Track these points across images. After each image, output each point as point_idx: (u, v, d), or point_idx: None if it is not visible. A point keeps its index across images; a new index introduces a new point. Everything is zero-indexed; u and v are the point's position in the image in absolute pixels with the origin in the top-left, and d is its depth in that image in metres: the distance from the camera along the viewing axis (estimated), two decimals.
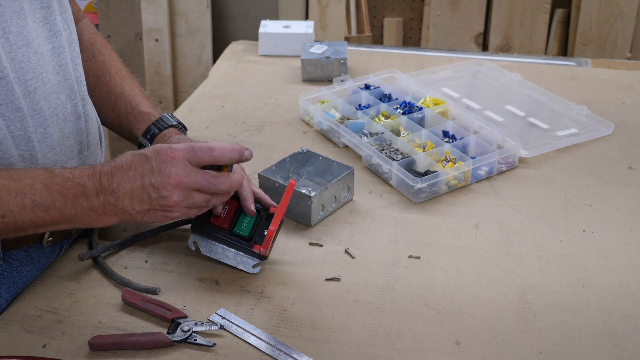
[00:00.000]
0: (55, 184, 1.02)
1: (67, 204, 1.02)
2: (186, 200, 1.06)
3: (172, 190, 1.04)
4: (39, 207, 1.01)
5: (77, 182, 1.03)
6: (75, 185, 1.03)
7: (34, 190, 1.00)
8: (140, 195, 1.04)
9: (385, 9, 2.98)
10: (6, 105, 1.04)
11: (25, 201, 1.00)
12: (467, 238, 1.28)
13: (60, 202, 1.02)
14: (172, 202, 1.05)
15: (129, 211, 1.05)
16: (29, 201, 1.00)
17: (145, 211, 1.06)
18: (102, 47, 1.37)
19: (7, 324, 1.08)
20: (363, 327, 1.08)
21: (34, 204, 1.00)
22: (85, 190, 1.03)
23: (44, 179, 1.02)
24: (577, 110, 1.68)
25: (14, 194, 0.99)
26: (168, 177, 1.03)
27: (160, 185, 1.03)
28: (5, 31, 1.04)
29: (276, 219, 1.13)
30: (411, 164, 1.44)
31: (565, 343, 1.05)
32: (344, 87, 1.74)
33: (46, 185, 1.01)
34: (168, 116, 1.31)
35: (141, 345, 1.02)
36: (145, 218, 1.07)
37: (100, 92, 1.34)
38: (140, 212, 1.06)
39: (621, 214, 1.34)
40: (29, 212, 1.00)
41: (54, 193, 1.01)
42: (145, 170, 1.04)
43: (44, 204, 1.01)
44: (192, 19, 2.93)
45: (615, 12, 2.75)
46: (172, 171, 1.03)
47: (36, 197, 1.00)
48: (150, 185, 1.04)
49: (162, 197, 1.04)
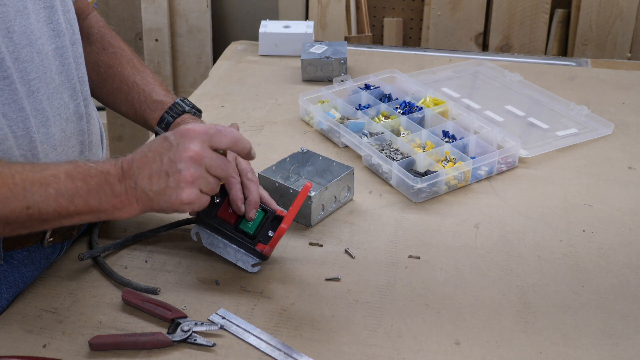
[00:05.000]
0: (78, 172, 1.01)
1: (91, 192, 1.01)
2: (200, 180, 1.03)
3: (188, 163, 1.02)
4: (63, 197, 1.00)
5: (100, 170, 1.02)
6: (98, 173, 1.02)
7: (58, 180, 0.99)
8: (158, 173, 1.02)
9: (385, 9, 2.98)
10: (9, 105, 1.04)
11: (49, 191, 0.99)
12: (467, 238, 1.28)
13: (84, 191, 1.01)
14: (188, 175, 1.02)
15: (148, 192, 1.03)
16: (53, 191, 0.99)
17: (162, 190, 1.03)
18: (111, 39, 1.37)
19: (7, 323, 1.08)
20: (363, 327, 1.08)
21: (58, 193, 0.99)
22: (108, 177, 1.02)
23: (68, 170, 1.01)
24: (577, 110, 1.68)
25: (37, 184, 0.98)
26: (185, 150, 1.02)
27: (177, 159, 1.02)
28: (9, 30, 1.04)
29: (288, 219, 1.12)
30: (411, 164, 1.44)
31: (565, 343, 1.05)
32: (344, 87, 1.74)
33: (69, 175, 1.00)
34: (181, 102, 1.30)
35: (141, 345, 1.02)
36: (162, 201, 1.04)
37: (113, 83, 1.33)
38: (157, 193, 1.03)
39: (621, 214, 1.34)
40: (53, 202, 0.99)
41: (77, 182, 1.00)
42: (164, 147, 1.03)
43: (68, 192, 1.00)
44: (192, 19, 2.93)
45: (615, 12, 2.75)
46: (190, 145, 1.02)
47: (60, 187, 0.99)
48: (169, 160, 1.02)
49: (178, 171, 1.02)
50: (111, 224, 1.30)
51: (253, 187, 1.17)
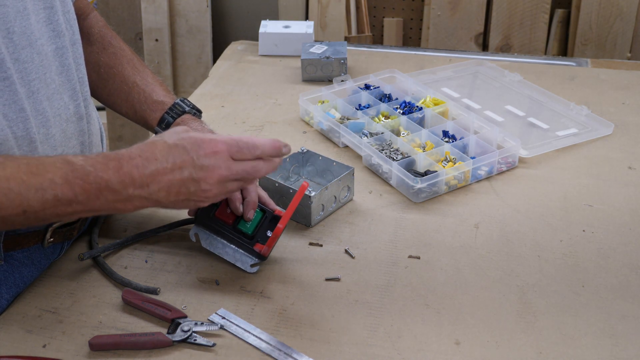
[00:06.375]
0: (76, 178, 0.98)
1: (91, 198, 0.99)
2: (221, 191, 1.04)
3: (212, 185, 1.02)
4: (61, 202, 0.98)
5: (99, 176, 0.99)
6: (97, 179, 0.99)
7: (55, 185, 0.97)
8: (178, 188, 1.01)
9: (385, 9, 2.98)
10: (9, 106, 1.04)
11: (46, 197, 0.97)
12: (467, 238, 1.28)
13: (84, 197, 0.99)
14: (210, 194, 1.03)
15: (162, 201, 1.02)
16: (50, 196, 0.97)
17: (179, 201, 1.03)
18: (112, 39, 1.37)
19: (7, 324, 1.08)
20: (363, 327, 1.08)
21: (56, 198, 0.97)
22: (110, 184, 0.99)
23: (65, 173, 0.98)
24: (577, 110, 1.68)
25: (33, 190, 0.96)
26: (211, 171, 1.02)
27: (201, 179, 1.01)
28: (10, 31, 1.04)
29: (285, 219, 1.13)
30: (411, 164, 1.44)
31: (565, 343, 1.05)
32: (344, 87, 1.74)
33: (67, 180, 0.98)
34: (181, 102, 1.30)
35: (141, 345, 1.02)
36: (176, 207, 1.05)
37: (114, 83, 1.33)
38: (174, 203, 1.03)
39: (621, 214, 1.34)
40: (51, 206, 0.98)
41: (75, 188, 0.98)
42: (185, 162, 1.01)
43: (66, 198, 0.98)
44: (192, 19, 2.93)
45: (615, 12, 2.75)
46: (215, 166, 1.02)
47: (57, 192, 0.97)
48: (191, 179, 1.01)
49: (201, 190, 1.02)
50: (111, 224, 1.30)
51: (251, 187, 1.17)
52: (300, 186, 1.13)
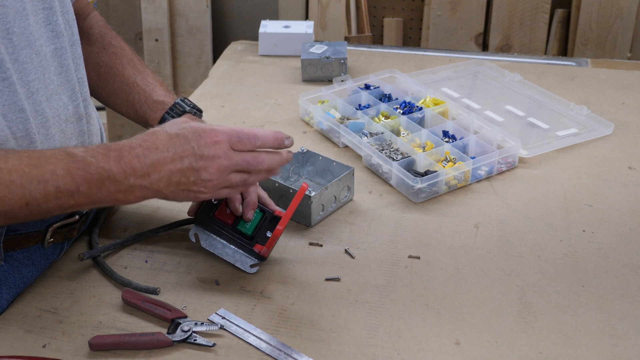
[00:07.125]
0: (78, 169, 0.99)
1: (92, 189, 1.00)
2: (223, 182, 1.05)
3: (213, 174, 1.03)
4: (63, 194, 0.98)
5: (100, 167, 0.99)
6: (99, 169, 0.99)
7: (57, 177, 0.98)
8: (178, 177, 1.02)
9: (385, 9, 2.98)
10: (9, 107, 1.04)
11: (48, 188, 0.97)
12: (467, 238, 1.28)
13: (85, 188, 0.99)
14: (210, 185, 1.04)
15: (163, 191, 1.03)
16: (52, 188, 0.97)
17: (181, 192, 1.04)
18: (112, 39, 1.37)
19: (7, 324, 1.08)
20: (363, 327, 1.08)
21: (58, 190, 0.98)
22: (111, 174, 1.00)
23: (66, 165, 0.98)
24: (577, 110, 1.68)
25: (35, 182, 0.97)
26: (210, 161, 1.02)
27: (202, 168, 1.02)
28: (9, 32, 1.04)
29: (284, 220, 1.13)
30: (411, 164, 1.44)
31: (565, 343, 1.05)
32: (344, 87, 1.74)
33: (68, 171, 0.98)
34: (182, 102, 1.30)
35: (141, 345, 1.02)
36: (177, 198, 1.05)
37: (114, 83, 1.33)
38: (175, 193, 1.04)
39: (621, 214, 1.34)
40: (53, 198, 0.98)
41: (77, 179, 0.98)
42: (185, 152, 1.02)
43: (68, 189, 0.98)
44: (192, 19, 2.93)
45: (615, 12, 2.75)
46: (215, 155, 1.02)
47: (59, 184, 0.98)
48: (191, 169, 1.02)
49: (201, 180, 1.03)
50: (111, 224, 1.30)
51: (251, 187, 1.17)
52: (300, 187, 1.13)
